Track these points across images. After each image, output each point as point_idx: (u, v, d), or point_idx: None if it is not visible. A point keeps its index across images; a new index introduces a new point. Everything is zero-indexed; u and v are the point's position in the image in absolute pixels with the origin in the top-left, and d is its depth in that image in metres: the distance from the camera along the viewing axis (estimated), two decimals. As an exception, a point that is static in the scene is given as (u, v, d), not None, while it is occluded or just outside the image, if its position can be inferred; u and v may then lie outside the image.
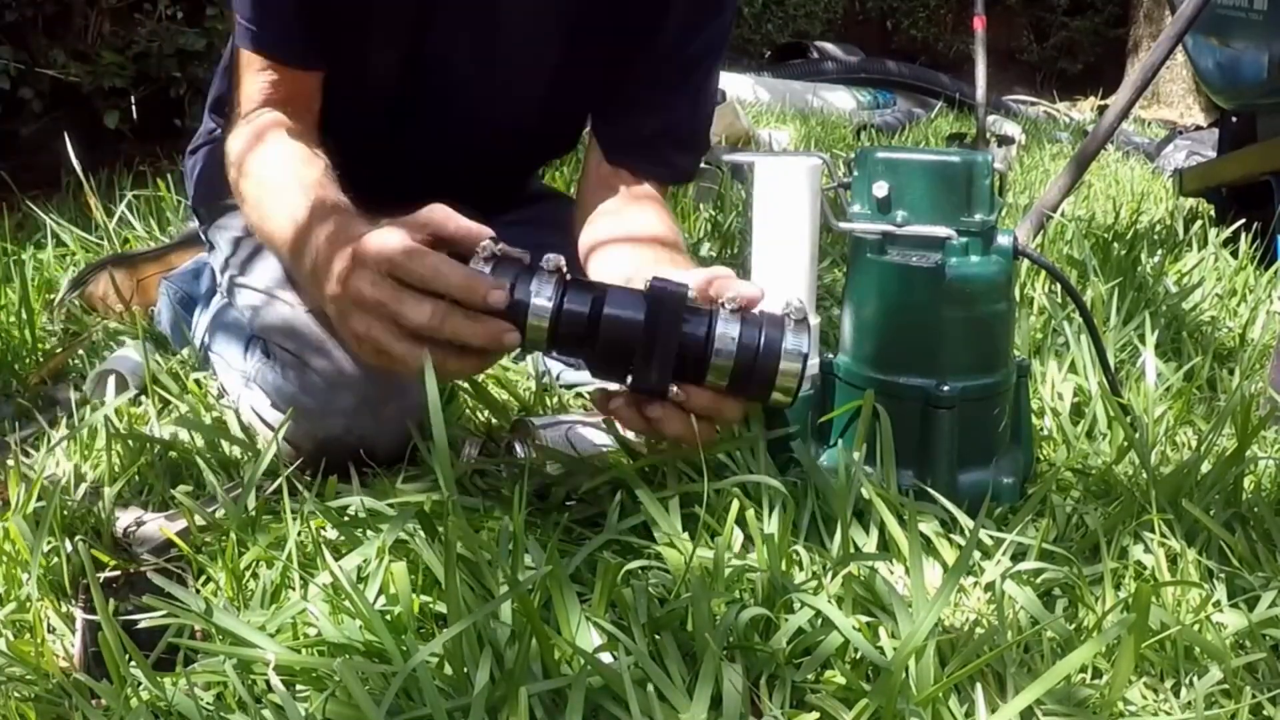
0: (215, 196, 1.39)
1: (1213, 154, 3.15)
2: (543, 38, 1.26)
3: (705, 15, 1.25)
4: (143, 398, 1.25)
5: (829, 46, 6.58)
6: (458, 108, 1.31)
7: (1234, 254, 2.09)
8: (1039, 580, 0.87)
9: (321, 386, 1.08)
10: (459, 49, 1.25)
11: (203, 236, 1.43)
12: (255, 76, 1.18)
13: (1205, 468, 1.02)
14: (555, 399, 1.24)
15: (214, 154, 1.44)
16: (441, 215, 0.90)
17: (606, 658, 0.72)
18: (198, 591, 0.86)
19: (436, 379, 0.83)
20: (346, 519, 0.90)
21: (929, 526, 0.90)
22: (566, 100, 1.38)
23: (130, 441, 1.09)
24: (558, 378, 1.28)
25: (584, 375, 1.14)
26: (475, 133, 1.34)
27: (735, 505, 0.87)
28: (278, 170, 1.10)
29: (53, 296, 1.67)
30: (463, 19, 1.22)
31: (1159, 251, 2.07)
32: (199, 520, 0.92)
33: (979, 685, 0.72)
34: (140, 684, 0.71)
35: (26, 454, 1.15)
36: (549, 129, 1.48)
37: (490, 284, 0.85)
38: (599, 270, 1.18)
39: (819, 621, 0.77)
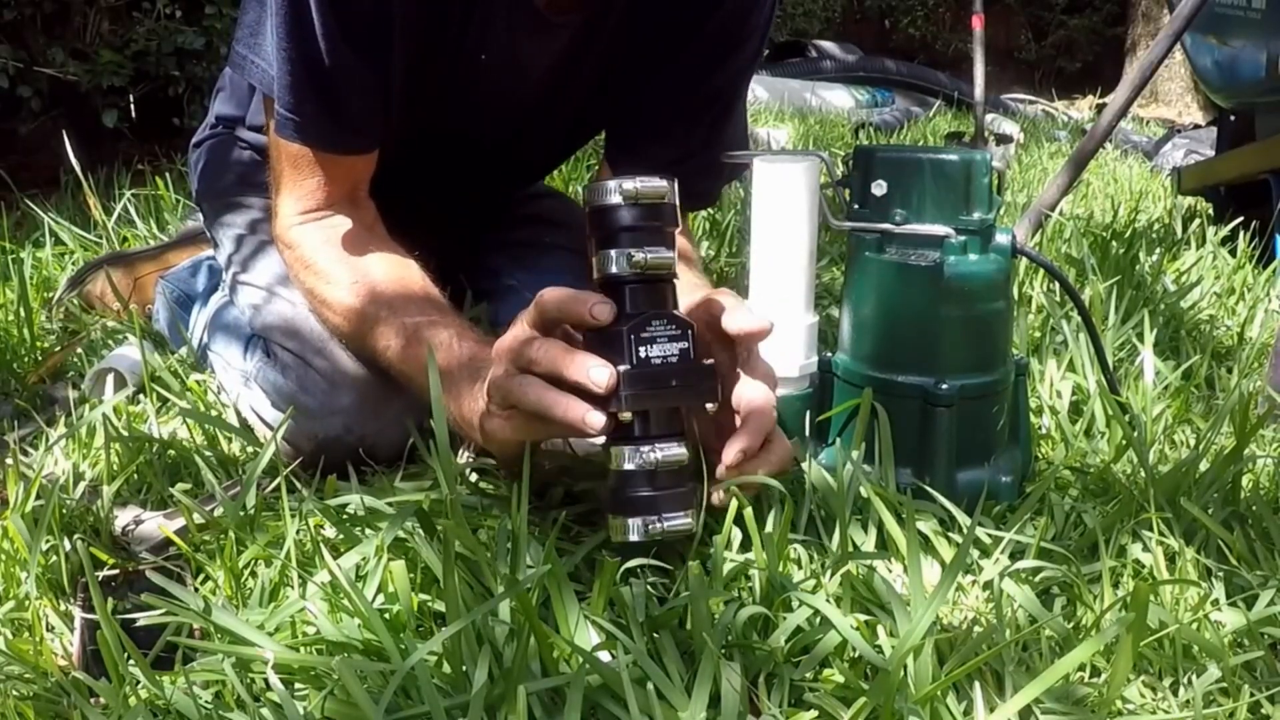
0: (219, 192, 1.39)
1: (1211, 152, 3.15)
2: (564, 80, 1.23)
3: (727, 49, 1.21)
4: (141, 396, 1.25)
5: (827, 45, 6.58)
6: (471, 139, 1.29)
7: (1232, 252, 2.10)
8: (1037, 579, 0.87)
9: (322, 386, 1.08)
10: (476, 100, 1.22)
11: (207, 233, 1.43)
12: (311, 168, 1.10)
13: (1203, 466, 1.02)
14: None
15: (218, 149, 1.43)
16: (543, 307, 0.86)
17: (605, 656, 0.72)
18: (196, 590, 0.86)
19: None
20: (345, 518, 0.90)
21: (927, 525, 0.90)
22: (583, 130, 1.39)
23: (129, 440, 1.09)
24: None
25: None
26: (487, 157, 1.33)
27: (734, 504, 0.87)
28: (381, 304, 1.05)
29: (51, 295, 1.67)
30: (483, 76, 1.20)
31: (1157, 250, 2.07)
32: (197, 519, 0.92)
33: (977, 684, 0.72)
34: (139, 682, 0.71)
35: (25, 452, 1.15)
36: (563, 152, 1.49)
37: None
38: None
39: (817, 620, 0.77)
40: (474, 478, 1.01)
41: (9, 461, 0.98)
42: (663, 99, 1.24)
